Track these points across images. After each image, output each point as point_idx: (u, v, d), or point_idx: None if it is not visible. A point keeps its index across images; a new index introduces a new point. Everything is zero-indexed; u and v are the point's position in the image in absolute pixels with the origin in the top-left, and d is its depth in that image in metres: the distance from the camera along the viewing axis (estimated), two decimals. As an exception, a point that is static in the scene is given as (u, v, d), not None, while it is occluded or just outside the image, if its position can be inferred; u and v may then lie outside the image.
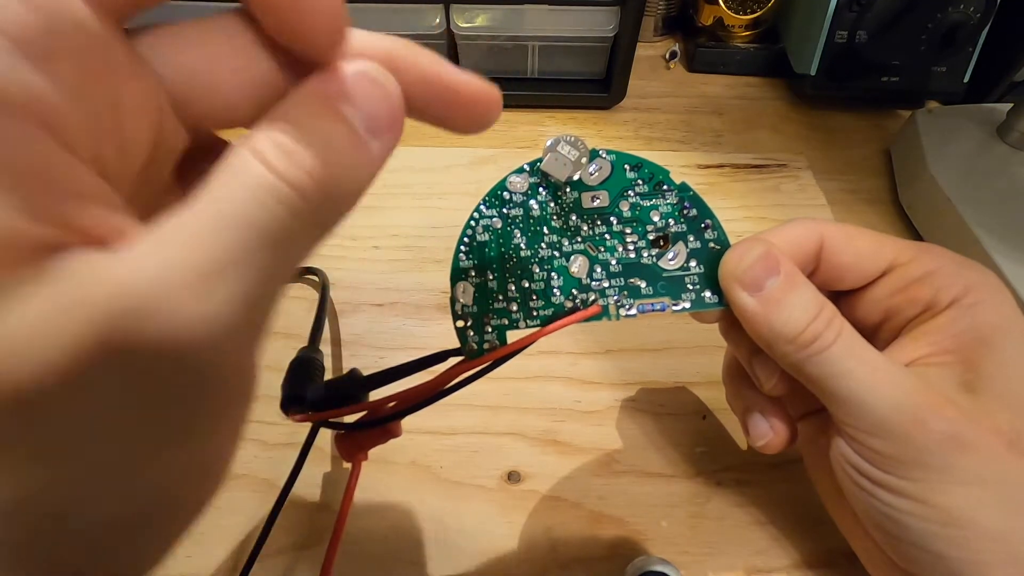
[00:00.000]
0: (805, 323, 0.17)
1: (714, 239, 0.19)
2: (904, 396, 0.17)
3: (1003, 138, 0.35)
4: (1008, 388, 0.17)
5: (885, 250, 0.20)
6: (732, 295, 0.19)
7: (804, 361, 0.18)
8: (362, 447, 0.20)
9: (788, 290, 0.18)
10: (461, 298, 0.18)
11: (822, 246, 0.20)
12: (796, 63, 0.43)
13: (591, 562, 0.24)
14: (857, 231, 0.20)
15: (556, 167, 0.18)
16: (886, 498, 0.17)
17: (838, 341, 0.17)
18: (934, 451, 0.16)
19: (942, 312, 0.19)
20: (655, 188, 0.19)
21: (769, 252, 0.18)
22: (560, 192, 0.19)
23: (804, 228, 0.20)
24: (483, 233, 0.19)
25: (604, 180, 0.19)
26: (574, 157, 0.18)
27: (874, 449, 0.17)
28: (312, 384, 0.23)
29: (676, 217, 0.19)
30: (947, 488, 0.16)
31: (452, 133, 0.14)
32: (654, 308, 0.19)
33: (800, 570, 0.24)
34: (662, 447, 0.27)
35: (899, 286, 0.20)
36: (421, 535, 0.25)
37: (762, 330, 0.18)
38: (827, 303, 0.18)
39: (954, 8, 0.36)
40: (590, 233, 0.19)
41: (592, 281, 0.19)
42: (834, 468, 0.19)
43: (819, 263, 0.20)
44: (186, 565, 0.24)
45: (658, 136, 0.41)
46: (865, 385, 0.17)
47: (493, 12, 0.38)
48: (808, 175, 0.39)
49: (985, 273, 0.19)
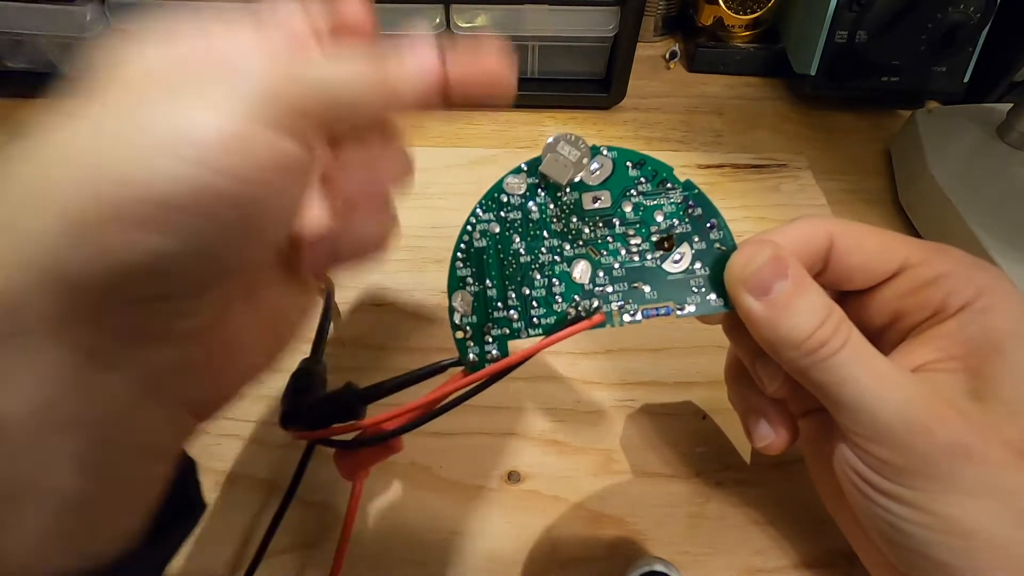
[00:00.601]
0: (812, 329, 0.17)
1: (720, 240, 0.19)
2: (910, 404, 0.16)
3: (1003, 138, 0.35)
4: (1017, 396, 0.17)
5: (896, 250, 0.19)
6: (738, 300, 0.18)
7: (810, 367, 0.17)
8: (363, 464, 0.19)
9: (795, 295, 0.17)
10: (459, 308, 0.18)
11: (831, 245, 0.19)
12: (796, 63, 0.43)
13: (591, 562, 0.24)
14: (867, 230, 0.20)
15: (556, 168, 0.18)
16: (890, 506, 0.17)
17: (845, 347, 0.17)
18: (940, 461, 0.16)
19: (952, 317, 0.18)
20: (659, 186, 0.19)
21: (777, 255, 0.18)
22: (560, 193, 0.19)
23: (813, 227, 0.19)
24: (480, 239, 0.18)
25: (606, 179, 0.18)
26: (575, 157, 0.18)
27: (879, 457, 0.17)
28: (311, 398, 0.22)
29: (680, 217, 0.19)
30: (952, 499, 0.16)
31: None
32: (659, 313, 0.19)
33: (800, 570, 0.24)
34: (662, 447, 0.27)
35: (910, 288, 0.19)
36: (421, 535, 0.25)
37: (768, 335, 0.18)
38: (835, 308, 0.18)
39: (954, 8, 0.36)
40: (592, 236, 0.18)
41: (595, 287, 0.18)
42: (838, 474, 0.19)
43: (827, 263, 0.19)
44: (187, 565, 0.24)
45: (658, 136, 0.41)
46: (871, 393, 0.17)
47: (493, 12, 0.38)
48: (808, 175, 0.39)
49: (998, 277, 0.19)
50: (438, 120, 0.42)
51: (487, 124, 0.42)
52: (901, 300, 0.19)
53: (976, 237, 0.30)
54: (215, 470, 0.26)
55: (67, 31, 0.38)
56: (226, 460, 0.27)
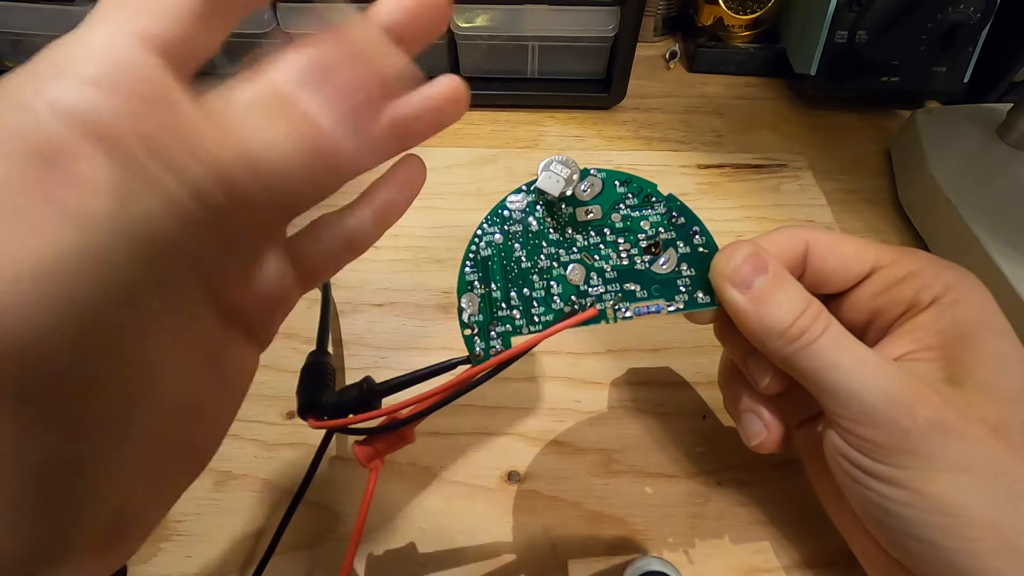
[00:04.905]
0: (793, 317, 0.18)
1: (703, 244, 0.20)
2: (891, 385, 0.17)
3: (1003, 138, 0.35)
4: (991, 380, 0.18)
5: (867, 254, 0.21)
6: (723, 293, 0.19)
7: (793, 354, 0.18)
8: (379, 453, 0.20)
9: (776, 287, 0.19)
10: (468, 308, 0.20)
11: (807, 251, 0.21)
12: (796, 63, 0.43)
13: (591, 562, 0.24)
14: (842, 237, 0.21)
15: (550, 184, 0.20)
16: (877, 487, 0.18)
17: (825, 334, 0.18)
18: (921, 438, 0.17)
19: (924, 310, 0.19)
20: (644, 200, 0.20)
21: (757, 252, 0.19)
22: (556, 208, 0.20)
23: (790, 234, 0.21)
24: (486, 248, 0.20)
25: (596, 195, 0.20)
26: (566, 175, 0.20)
27: (863, 437, 0.18)
28: (327, 389, 0.23)
29: (666, 225, 0.20)
30: (934, 475, 0.17)
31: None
32: (650, 310, 0.20)
33: (800, 570, 0.24)
34: (662, 447, 0.27)
35: (882, 287, 0.20)
36: (421, 535, 0.25)
37: (752, 326, 0.19)
38: (813, 300, 0.19)
39: (954, 8, 0.36)
40: (585, 244, 0.20)
41: (590, 287, 0.20)
42: (829, 464, 0.20)
43: (805, 268, 0.21)
44: (187, 565, 0.24)
45: (658, 136, 0.41)
46: (853, 376, 0.18)
47: (493, 12, 0.38)
48: (808, 175, 0.39)
49: (965, 273, 0.20)
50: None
51: (487, 124, 0.42)
52: (876, 299, 0.20)
53: (976, 237, 0.30)
54: (215, 470, 0.26)
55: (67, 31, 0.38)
56: (226, 460, 0.27)
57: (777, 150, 0.41)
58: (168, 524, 0.25)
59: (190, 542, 0.25)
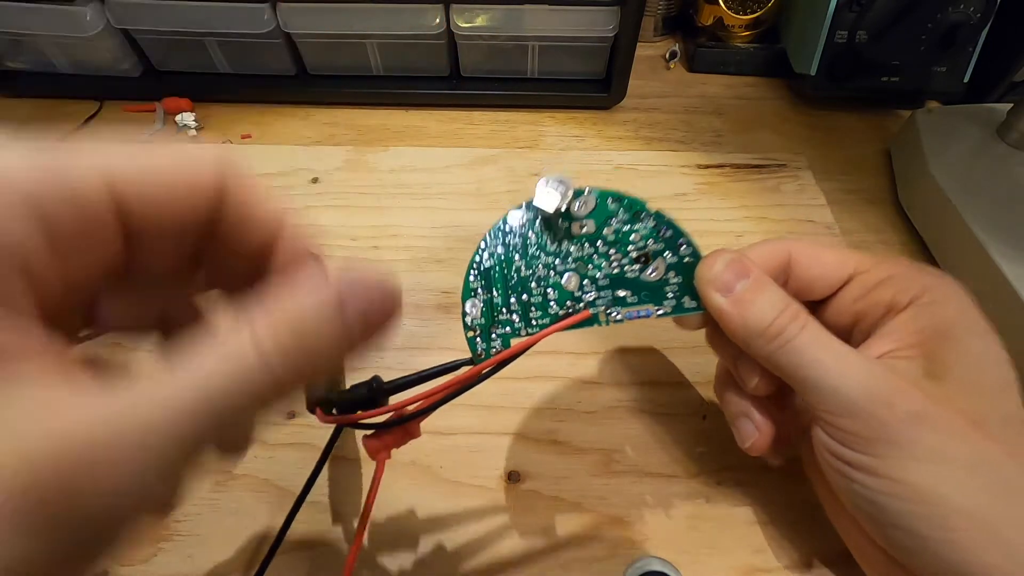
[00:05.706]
0: (772, 317, 0.19)
1: (689, 254, 0.22)
2: (869, 379, 0.18)
3: (1003, 138, 0.35)
4: (969, 376, 0.19)
5: (848, 262, 0.22)
6: (707, 297, 0.21)
7: (775, 352, 0.19)
8: (387, 446, 0.21)
9: (756, 291, 0.20)
10: (471, 312, 0.21)
11: (791, 261, 0.22)
12: (796, 63, 0.43)
13: (591, 562, 0.24)
14: (823, 247, 0.22)
15: (546, 200, 0.21)
16: (860, 478, 0.18)
17: (803, 332, 0.19)
18: (900, 429, 0.18)
19: (903, 311, 0.20)
20: (634, 215, 0.22)
21: (738, 258, 0.20)
22: (552, 223, 0.22)
23: (773, 246, 0.22)
24: (488, 259, 0.22)
25: (590, 212, 0.21)
26: (561, 191, 0.21)
27: (845, 429, 0.18)
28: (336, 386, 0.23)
29: (655, 238, 0.22)
30: (913, 464, 0.17)
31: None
32: (640, 315, 0.22)
33: (800, 570, 0.24)
34: (662, 447, 0.27)
35: (862, 292, 0.21)
36: (422, 535, 0.25)
37: (736, 327, 0.20)
38: (792, 301, 0.20)
39: (954, 8, 0.36)
40: (579, 255, 0.22)
41: (583, 294, 0.22)
42: (817, 459, 0.20)
43: (789, 276, 0.22)
44: (188, 565, 0.24)
45: (658, 136, 0.41)
46: (832, 371, 0.18)
47: (493, 12, 0.38)
48: (808, 175, 0.39)
49: (941, 276, 0.21)
50: (438, 120, 0.42)
51: (487, 124, 0.42)
52: (857, 303, 0.21)
53: (976, 237, 0.30)
54: (215, 470, 0.26)
55: (67, 31, 0.38)
56: (226, 460, 0.27)
57: (777, 150, 0.41)
58: (168, 524, 0.25)
59: (190, 542, 0.25)
